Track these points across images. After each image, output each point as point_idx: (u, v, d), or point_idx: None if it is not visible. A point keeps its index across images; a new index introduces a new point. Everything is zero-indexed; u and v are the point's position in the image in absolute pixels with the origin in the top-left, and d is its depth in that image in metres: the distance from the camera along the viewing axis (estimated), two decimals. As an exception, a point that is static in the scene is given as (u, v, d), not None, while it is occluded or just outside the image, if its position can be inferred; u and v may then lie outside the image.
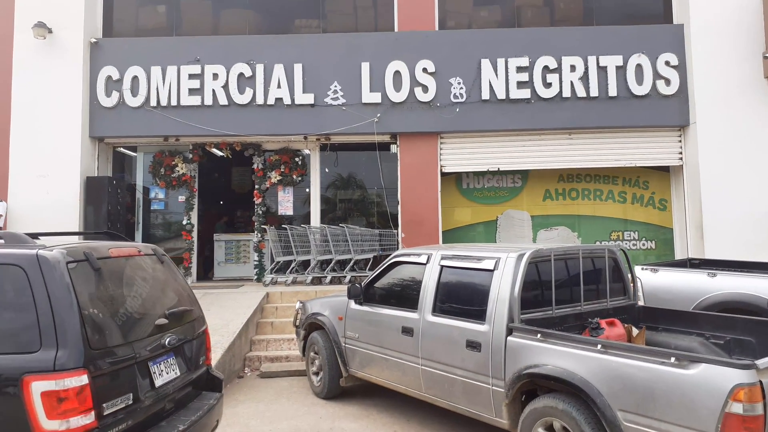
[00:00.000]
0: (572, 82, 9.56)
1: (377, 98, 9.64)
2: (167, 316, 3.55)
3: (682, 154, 9.82)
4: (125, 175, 11.02)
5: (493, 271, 4.34)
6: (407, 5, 9.97)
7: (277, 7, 10.62)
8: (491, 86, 9.60)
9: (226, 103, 9.68)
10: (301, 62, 9.69)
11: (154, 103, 9.69)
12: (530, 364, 3.85)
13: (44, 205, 9.28)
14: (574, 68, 9.58)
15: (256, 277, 10.29)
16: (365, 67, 9.68)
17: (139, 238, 10.72)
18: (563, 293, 4.54)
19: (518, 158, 9.91)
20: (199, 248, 10.85)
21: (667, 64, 9.59)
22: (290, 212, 10.54)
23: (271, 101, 9.66)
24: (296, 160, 10.34)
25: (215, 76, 9.69)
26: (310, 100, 9.68)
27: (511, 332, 4.07)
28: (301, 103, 9.67)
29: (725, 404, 2.90)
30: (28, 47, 9.59)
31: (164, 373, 3.38)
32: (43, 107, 9.53)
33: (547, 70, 9.59)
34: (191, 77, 9.71)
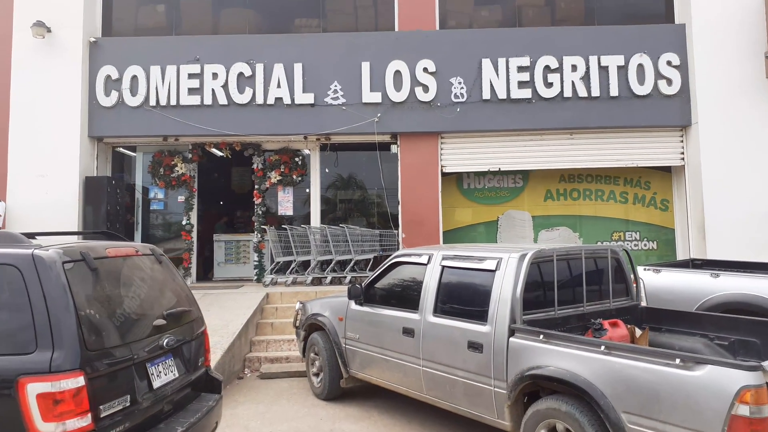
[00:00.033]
0: (573, 81, 9.53)
1: (377, 98, 9.61)
2: (165, 316, 3.52)
3: (683, 154, 9.79)
4: (124, 175, 10.99)
5: (494, 271, 4.30)
6: (408, 5, 9.94)
7: (277, 6, 10.59)
8: (492, 86, 9.57)
9: (225, 102, 9.65)
10: (301, 62, 9.66)
11: (153, 102, 9.66)
12: (533, 365, 3.81)
13: (43, 205, 9.26)
14: (575, 68, 9.55)
15: (256, 277, 10.25)
16: (365, 66, 9.64)
17: (138, 238, 10.69)
18: (566, 294, 4.50)
19: (519, 158, 9.88)
20: (198, 248, 10.82)
21: (668, 63, 9.56)
22: (290, 212, 10.51)
23: (270, 101, 9.63)
24: (296, 160, 10.31)
25: (215, 75, 9.66)
26: (310, 99, 9.65)
27: (513, 333, 4.03)
28: (301, 102, 9.64)
29: (731, 406, 2.87)
30: (27, 46, 9.56)
31: (162, 374, 3.35)
32: (42, 107, 9.51)
33: (548, 69, 9.56)
34: (191, 77, 9.68)
